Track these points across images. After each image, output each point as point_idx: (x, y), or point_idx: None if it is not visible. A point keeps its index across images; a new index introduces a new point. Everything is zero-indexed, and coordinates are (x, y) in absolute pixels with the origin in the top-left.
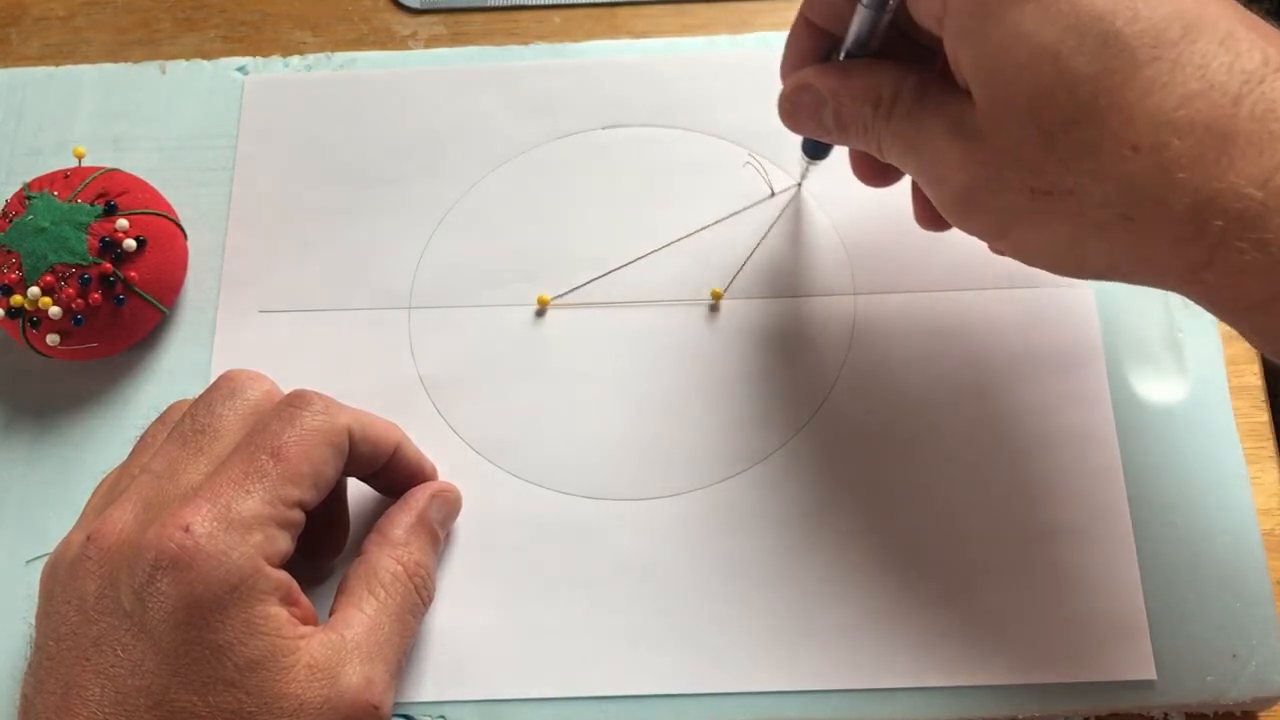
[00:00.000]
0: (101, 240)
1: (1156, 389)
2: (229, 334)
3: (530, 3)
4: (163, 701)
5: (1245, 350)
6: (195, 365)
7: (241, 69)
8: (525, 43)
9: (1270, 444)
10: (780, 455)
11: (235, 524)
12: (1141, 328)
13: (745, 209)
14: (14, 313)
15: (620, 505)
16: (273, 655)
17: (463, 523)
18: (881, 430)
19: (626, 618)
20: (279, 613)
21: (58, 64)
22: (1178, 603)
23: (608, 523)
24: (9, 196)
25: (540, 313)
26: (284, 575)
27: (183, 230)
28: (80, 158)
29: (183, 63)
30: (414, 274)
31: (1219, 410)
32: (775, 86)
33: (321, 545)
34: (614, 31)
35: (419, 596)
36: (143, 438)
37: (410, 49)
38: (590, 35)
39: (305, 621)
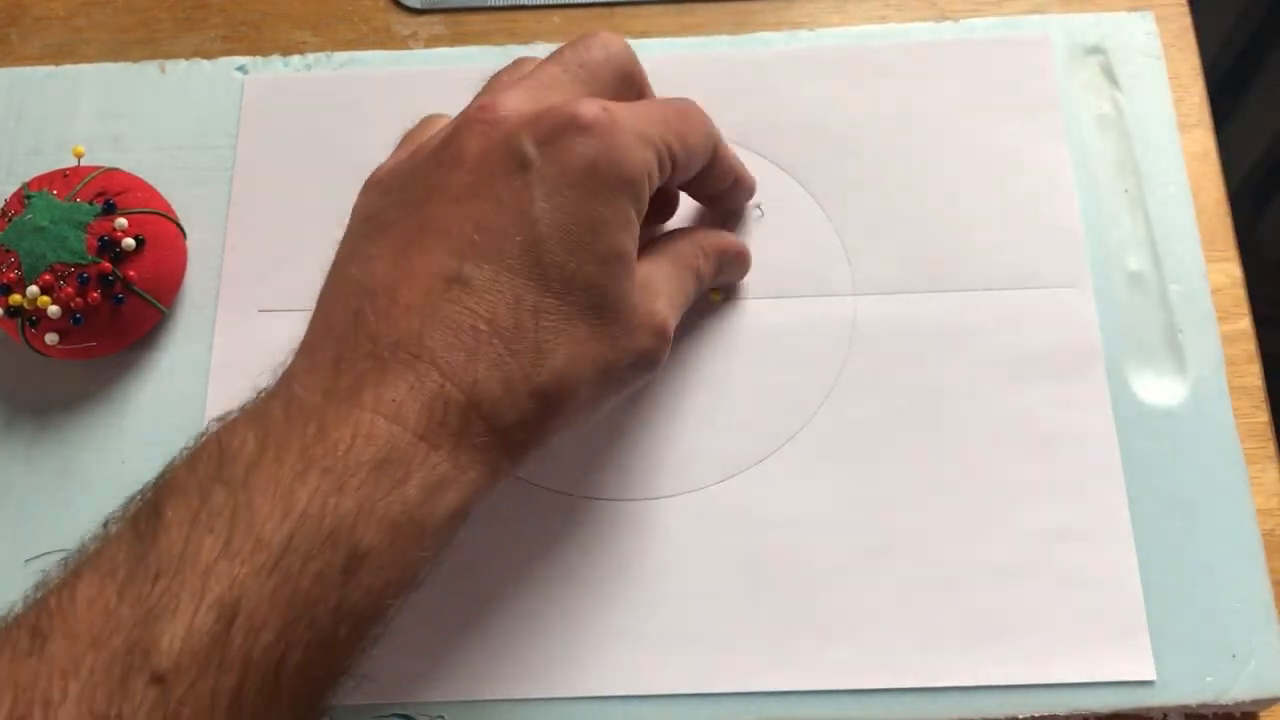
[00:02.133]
0: (100, 239)
1: (1156, 390)
2: (228, 334)
3: (530, 3)
4: (536, 245)
5: (1245, 351)
6: (194, 365)
7: (241, 69)
8: (525, 43)
9: (1270, 444)
10: (780, 456)
11: (639, 132)
12: (1141, 329)
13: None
14: (13, 312)
15: (620, 506)
16: (629, 256)
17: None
18: (881, 431)
19: (626, 618)
20: (637, 225)
21: (58, 64)
22: (1177, 603)
23: (608, 523)
24: (8, 195)
25: None
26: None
27: (182, 230)
28: (80, 157)
29: (183, 63)
30: None
31: (1219, 411)
32: (775, 87)
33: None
34: (613, 31)
35: (691, 293)
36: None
37: (410, 49)
38: None
39: None
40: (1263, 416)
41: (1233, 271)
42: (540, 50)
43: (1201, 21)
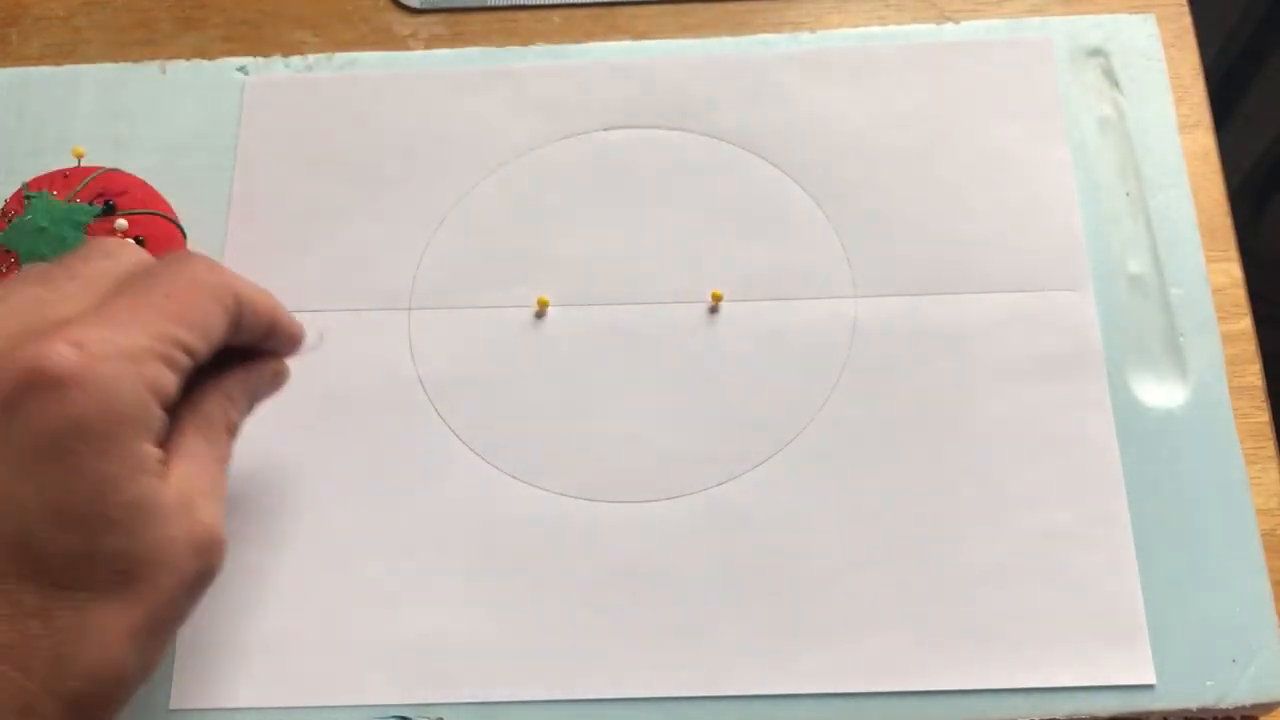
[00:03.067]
0: None
1: (1157, 393)
2: None
3: (530, 3)
4: (28, 537)
5: (1246, 351)
6: None
7: (242, 69)
8: (525, 43)
9: (1270, 444)
10: (780, 458)
11: (129, 352)
12: (1142, 331)
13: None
14: None
15: (619, 508)
16: (152, 495)
17: (461, 524)
18: (882, 434)
19: (624, 621)
20: (156, 452)
21: (58, 64)
22: (1178, 607)
23: (606, 525)
24: (8, 196)
25: (540, 314)
26: (165, 416)
27: (182, 230)
28: (80, 158)
29: (183, 63)
30: (414, 274)
31: (1220, 414)
32: (775, 88)
33: None
34: (614, 32)
35: (228, 454)
36: None
37: (410, 49)
38: (590, 36)
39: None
40: (1263, 416)
41: (1233, 271)
42: (540, 52)
43: (1201, 22)
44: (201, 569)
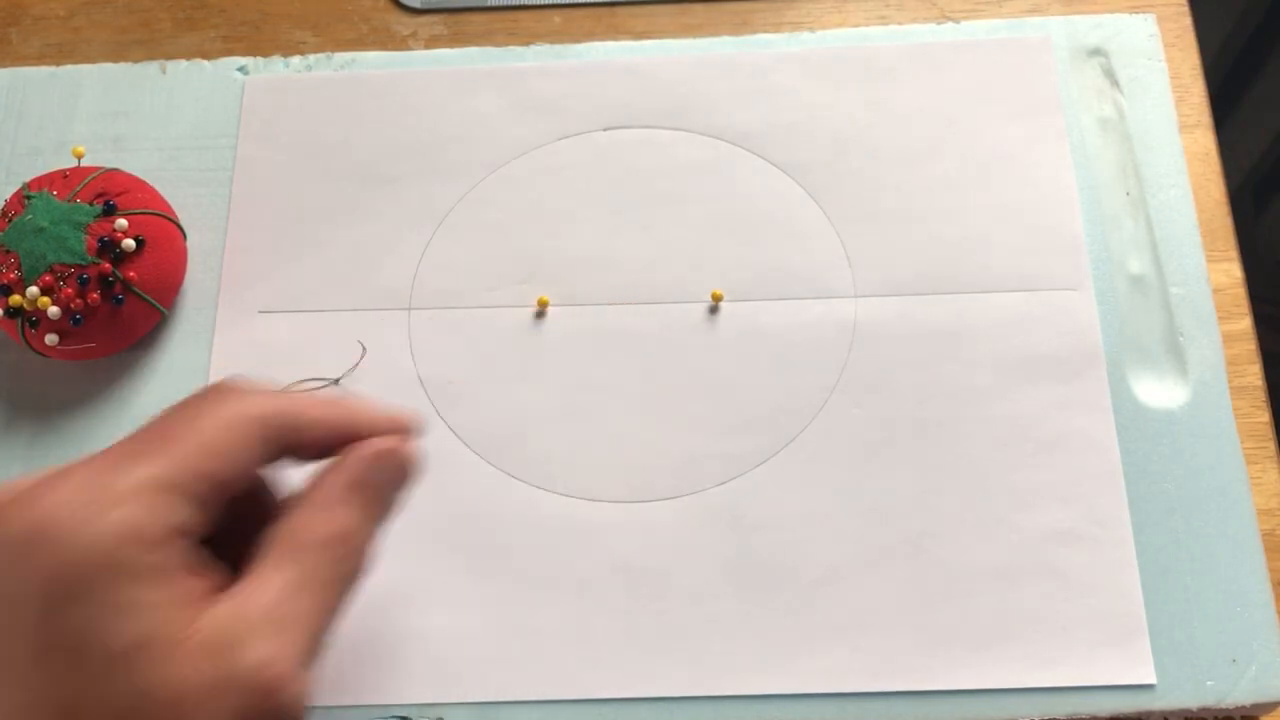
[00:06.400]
0: (100, 240)
1: (1157, 392)
2: (228, 334)
3: (530, 3)
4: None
5: (1246, 351)
6: (194, 366)
7: (242, 69)
8: (525, 43)
9: (1271, 444)
10: (780, 458)
11: (102, 497)
12: (1142, 331)
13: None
14: (13, 312)
15: (619, 508)
16: (153, 638)
17: (461, 524)
18: (882, 433)
19: (624, 621)
20: (161, 592)
21: (58, 64)
22: (1178, 607)
23: (606, 525)
24: (8, 196)
25: (540, 314)
26: (177, 547)
27: (182, 230)
28: (80, 157)
29: (183, 63)
30: (414, 274)
31: (1220, 414)
32: (775, 88)
33: None
34: (614, 32)
35: (347, 567)
36: None
37: (410, 49)
38: (590, 35)
39: (215, 591)
40: (1263, 416)
41: (1233, 271)
42: (540, 52)
43: (1201, 22)
44: (248, 708)
